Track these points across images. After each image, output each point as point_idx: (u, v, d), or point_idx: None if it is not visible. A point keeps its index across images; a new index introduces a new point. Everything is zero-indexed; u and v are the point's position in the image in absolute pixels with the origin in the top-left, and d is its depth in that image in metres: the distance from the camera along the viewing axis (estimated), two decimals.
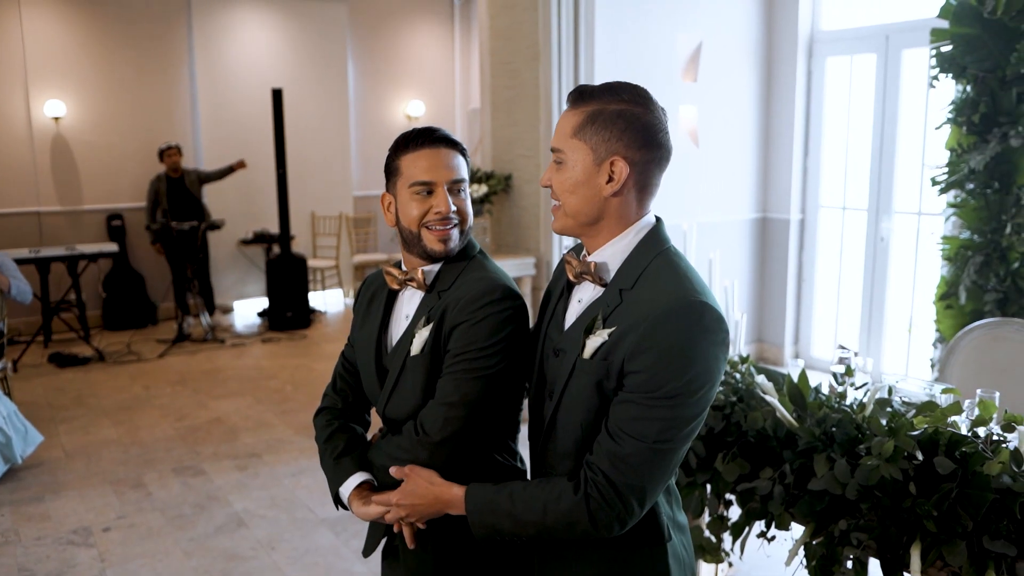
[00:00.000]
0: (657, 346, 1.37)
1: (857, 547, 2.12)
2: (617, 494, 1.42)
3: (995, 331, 3.50)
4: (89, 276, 8.02)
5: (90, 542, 3.91)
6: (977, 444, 2.01)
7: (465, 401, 1.61)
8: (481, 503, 1.54)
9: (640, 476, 1.41)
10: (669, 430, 1.39)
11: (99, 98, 8.16)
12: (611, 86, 1.49)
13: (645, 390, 1.39)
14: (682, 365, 1.37)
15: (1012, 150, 4.34)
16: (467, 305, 1.63)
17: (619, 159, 1.46)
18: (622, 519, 1.43)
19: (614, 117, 1.46)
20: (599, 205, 1.50)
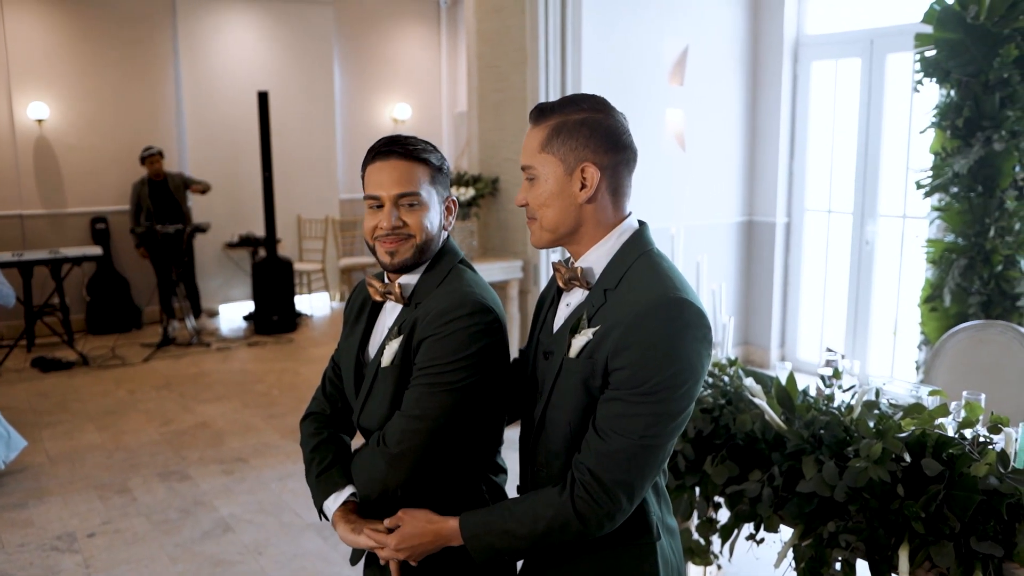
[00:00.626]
0: (640, 342, 1.41)
1: (845, 549, 2.13)
2: (604, 491, 1.44)
3: (980, 333, 3.53)
4: (73, 280, 7.96)
5: (74, 548, 3.88)
6: (964, 446, 2.02)
7: (426, 415, 1.60)
8: (476, 527, 1.55)
9: (627, 472, 1.43)
10: (655, 425, 1.42)
11: (83, 100, 8.11)
12: (569, 98, 1.54)
13: (629, 386, 1.42)
14: (665, 361, 1.40)
15: (995, 154, 4.38)
16: (435, 319, 1.62)
17: (589, 164, 1.50)
18: (611, 515, 1.45)
19: (578, 126, 1.50)
20: (576, 214, 1.53)
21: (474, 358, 1.59)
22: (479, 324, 1.60)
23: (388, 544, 1.62)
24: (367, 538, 1.65)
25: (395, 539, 1.62)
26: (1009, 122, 4.31)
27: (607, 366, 1.45)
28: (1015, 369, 3.36)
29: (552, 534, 1.49)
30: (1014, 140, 4.33)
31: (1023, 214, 4.39)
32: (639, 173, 4.69)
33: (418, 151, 1.69)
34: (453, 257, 1.74)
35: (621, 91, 5.63)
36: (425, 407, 1.60)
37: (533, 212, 1.57)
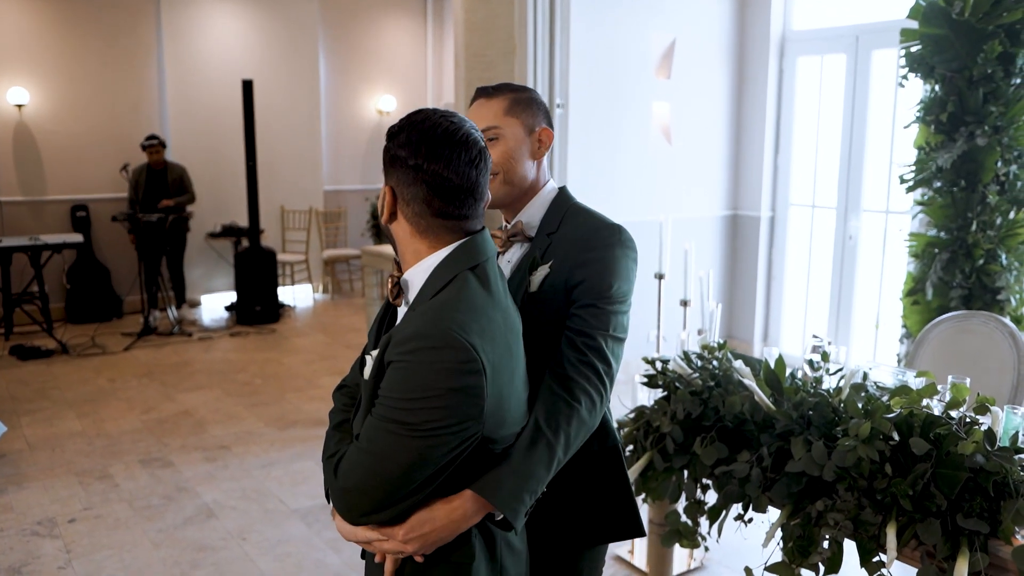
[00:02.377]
0: (594, 260, 1.70)
1: (833, 527, 2.15)
2: (592, 374, 1.65)
3: (962, 323, 3.56)
4: (53, 267, 7.88)
5: (55, 533, 3.84)
6: (951, 425, 2.04)
7: (374, 451, 1.38)
8: (498, 484, 1.45)
9: (610, 361, 1.68)
10: (618, 322, 1.71)
11: (64, 87, 8.02)
12: (508, 84, 1.86)
13: (593, 295, 1.68)
14: (615, 273, 1.70)
15: (978, 149, 4.42)
16: (399, 343, 1.36)
17: (546, 128, 1.85)
18: (600, 396, 1.65)
19: (529, 101, 1.84)
20: (532, 169, 1.83)
21: (440, 400, 1.33)
22: (447, 361, 1.33)
23: (395, 536, 1.44)
24: (367, 530, 1.46)
25: (403, 529, 1.44)
26: (992, 117, 4.36)
27: (566, 284, 1.70)
28: (997, 359, 3.40)
29: (571, 442, 1.58)
30: (997, 135, 4.37)
31: (1005, 208, 4.44)
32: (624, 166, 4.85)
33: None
34: (468, 258, 1.47)
35: (608, 82, 5.64)
36: (375, 443, 1.38)
37: (496, 168, 1.78)
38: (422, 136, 1.42)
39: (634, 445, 2.77)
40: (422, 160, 1.41)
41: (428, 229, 1.46)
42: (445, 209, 1.44)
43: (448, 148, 1.41)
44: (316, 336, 7.63)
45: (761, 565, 2.45)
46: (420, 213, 1.44)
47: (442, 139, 1.42)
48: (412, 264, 1.49)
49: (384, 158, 1.48)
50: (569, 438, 1.56)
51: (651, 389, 2.83)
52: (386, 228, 1.52)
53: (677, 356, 2.76)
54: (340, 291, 9.57)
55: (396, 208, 1.47)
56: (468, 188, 1.44)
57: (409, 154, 1.42)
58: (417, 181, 1.42)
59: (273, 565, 3.58)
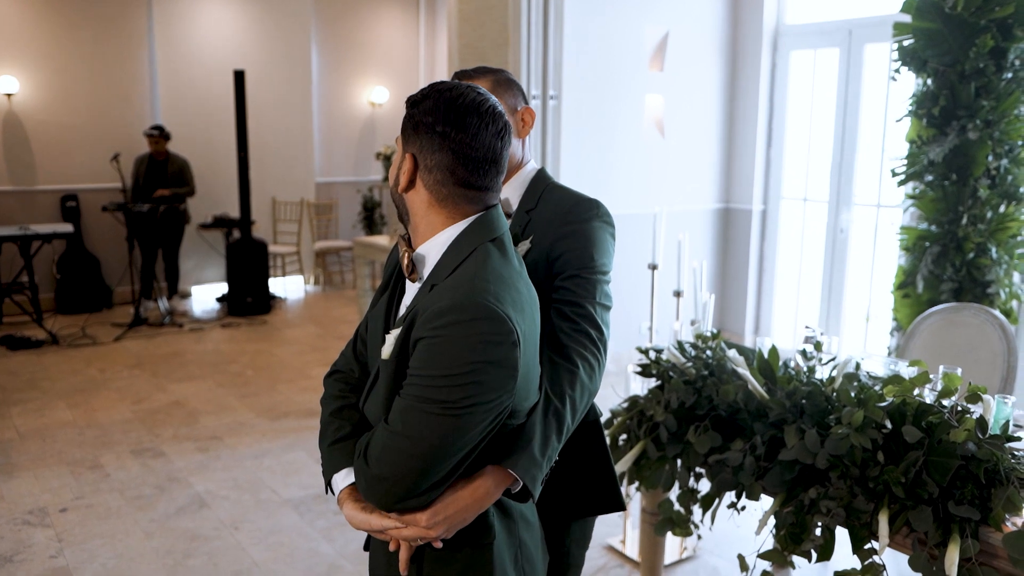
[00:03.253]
0: (574, 233, 1.75)
1: (826, 515, 2.16)
2: (588, 339, 1.68)
3: (953, 316, 3.59)
4: (42, 258, 7.84)
5: (46, 523, 3.83)
6: (943, 413, 2.06)
7: (410, 435, 1.33)
8: (526, 464, 1.44)
9: (601, 327, 1.72)
10: (603, 290, 1.76)
11: (54, 76, 7.97)
12: (484, 67, 1.92)
13: (577, 265, 1.74)
14: (595, 245, 1.77)
15: (969, 143, 4.44)
16: (432, 317, 1.32)
17: (528, 108, 1.91)
18: (597, 360, 1.68)
19: (509, 82, 1.91)
20: (518, 149, 1.89)
21: (477, 375, 1.29)
22: (484, 333, 1.29)
23: (418, 522, 1.37)
24: (382, 518, 1.40)
25: (426, 514, 1.37)
26: (983, 111, 4.38)
27: (548, 258, 1.75)
28: (987, 350, 3.43)
29: (577, 407, 1.59)
30: (988, 129, 4.40)
31: (995, 202, 4.47)
32: (617, 159, 4.89)
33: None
34: (487, 231, 1.45)
35: (602, 74, 5.64)
36: (410, 425, 1.32)
37: None
38: (450, 104, 1.42)
39: (627, 434, 2.78)
40: (450, 128, 1.41)
41: (448, 199, 1.44)
42: (469, 179, 1.43)
43: (476, 118, 1.41)
44: (307, 327, 7.62)
45: (754, 553, 2.47)
46: (442, 181, 1.43)
47: (470, 108, 1.42)
48: (427, 237, 1.47)
49: (406, 125, 1.46)
50: (575, 403, 1.58)
51: (645, 378, 2.84)
52: (399, 198, 1.51)
53: (671, 345, 2.77)
54: (331, 283, 9.55)
55: (416, 175, 1.45)
56: (492, 159, 1.44)
57: (436, 120, 1.41)
58: (443, 148, 1.41)
59: (266, 554, 3.58)
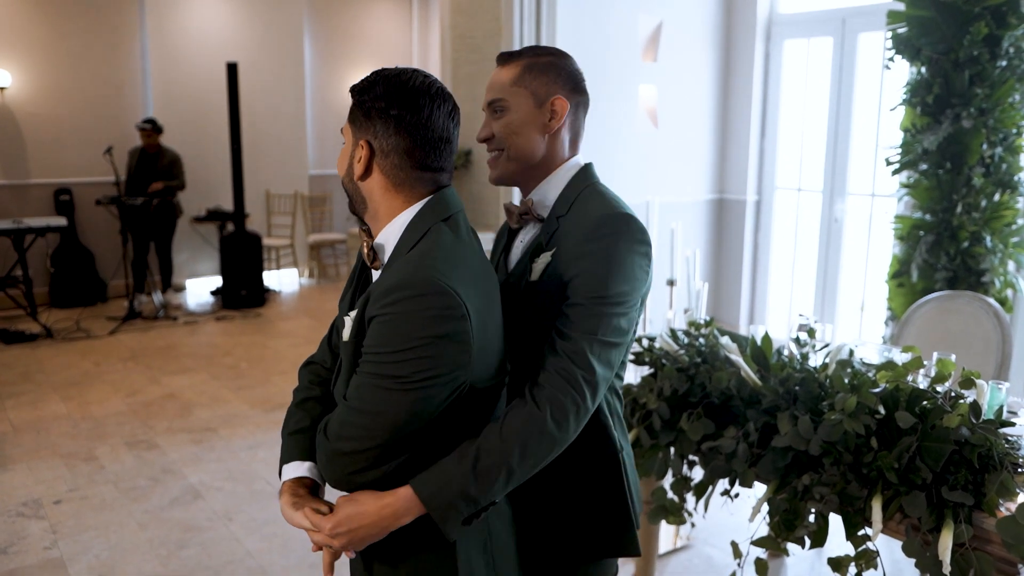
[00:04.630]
0: (592, 252, 1.52)
1: (819, 501, 2.16)
2: (570, 383, 1.44)
3: (947, 303, 3.59)
4: (36, 251, 7.81)
5: (41, 514, 3.82)
6: (937, 399, 2.05)
7: (366, 409, 1.34)
8: (435, 483, 1.36)
9: (588, 367, 1.46)
10: (610, 324, 1.50)
11: (47, 69, 7.93)
12: (533, 47, 1.68)
13: (585, 292, 1.50)
14: (615, 269, 1.51)
15: (964, 131, 4.44)
16: (380, 296, 1.35)
17: (559, 97, 1.64)
18: (577, 409, 1.44)
19: (547, 66, 1.65)
20: (540, 144, 1.65)
21: (428, 349, 1.31)
22: (431, 308, 1.31)
23: (323, 528, 1.38)
24: (303, 517, 1.42)
25: (331, 523, 1.38)
26: (978, 99, 4.38)
27: (563, 279, 1.55)
28: (981, 338, 3.43)
29: (524, 453, 1.38)
30: (982, 118, 4.39)
31: (990, 191, 4.47)
32: (611, 149, 4.81)
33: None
34: (440, 210, 1.46)
35: (595, 64, 5.62)
36: (366, 401, 1.34)
37: (500, 143, 1.65)
38: (400, 87, 1.42)
39: None
40: (404, 111, 1.41)
41: (405, 182, 1.44)
42: (426, 160, 1.44)
43: (427, 99, 1.42)
44: (301, 320, 7.61)
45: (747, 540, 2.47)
46: (399, 165, 1.43)
47: (420, 90, 1.42)
48: (385, 223, 1.47)
49: (355, 113, 1.45)
50: (526, 450, 1.39)
51: (638, 366, 2.84)
52: (353, 187, 1.49)
53: (664, 333, 2.77)
54: (325, 275, 9.54)
55: (372, 162, 1.44)
56: (446, 139, 1.45)
57: (390, 104, 1.41)
58: (399, 131, 1.41)
59: (259, 545, 3.57)
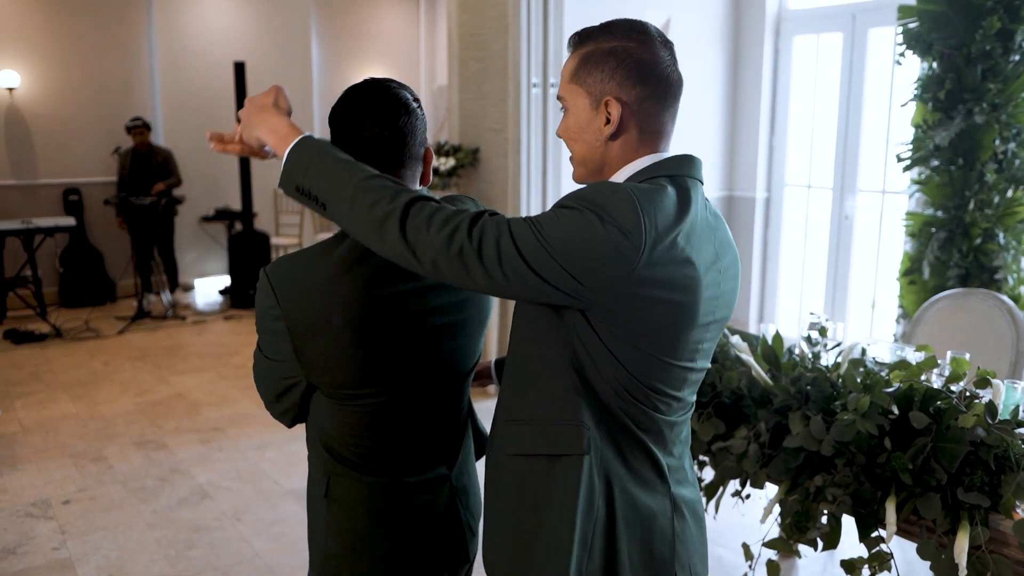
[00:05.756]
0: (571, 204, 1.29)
1: (832, 503, 2.13)
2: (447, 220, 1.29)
3: (960, 301, 3.55)
4: (45, 251, 7.81)
5: (49, 515, 3.82)
6: (951, 399, 2.02)
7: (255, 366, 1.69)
8: (309, 150, 1.38)
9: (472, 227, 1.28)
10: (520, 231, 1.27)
11: (55, 69, 7.94)
12: (606, 24, 1.43)
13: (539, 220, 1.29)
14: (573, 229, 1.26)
15: (976, 127, 4.39)
16: None
17: (612, 99, 1.39)
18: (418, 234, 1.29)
19: (606, 55, 1.39)
20: (601, 150, 1.43)
21: (262, 333, 1.58)
22: (261, 302, 1.54)
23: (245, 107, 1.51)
24: None
25: (247, 103, 1.49)
26: (990, 95, 4.33)
27: None
28: (995, 336, 3.39)
29: (372, 220, 1.31)
30: (995, 113, 4.35)
31: (1003, 187, 4.42)
32: None
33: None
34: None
35: None
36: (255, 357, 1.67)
37: (567, 145, 1.49)
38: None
39: None
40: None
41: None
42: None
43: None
44: None
45: (759, 541, 2.44)
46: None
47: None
48: None
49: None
50: (374, 220, 1.31)
51: None
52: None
53: None
54: None
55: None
56: None
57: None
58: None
59: (268, 545, 3.56)
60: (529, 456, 1.42)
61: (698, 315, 1.37)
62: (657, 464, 1.44)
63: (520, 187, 5.37)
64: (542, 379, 1.41)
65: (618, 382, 1.37)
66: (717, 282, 1.42)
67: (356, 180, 1.34)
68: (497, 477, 1.49)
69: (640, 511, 1.42)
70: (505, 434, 1.46)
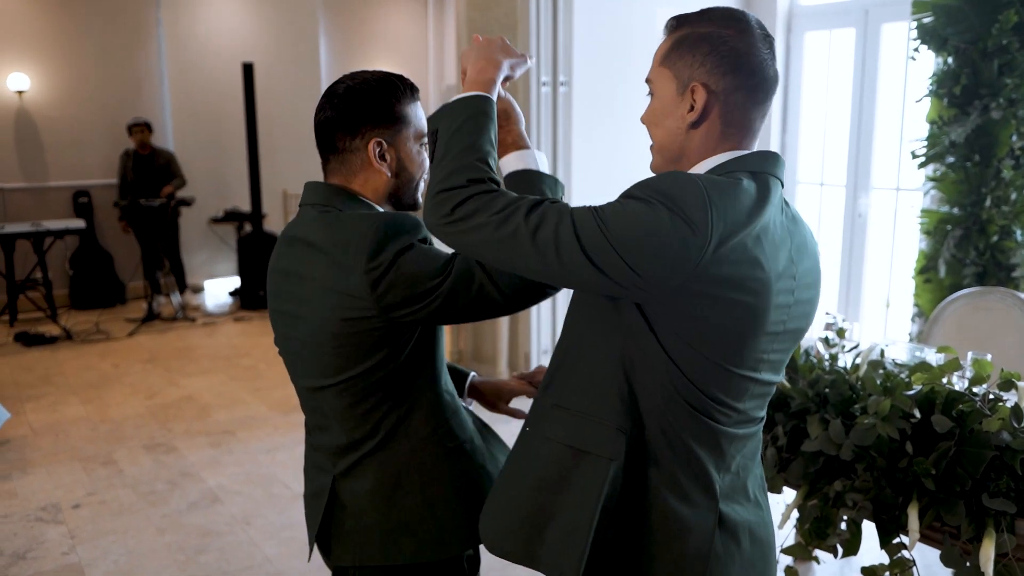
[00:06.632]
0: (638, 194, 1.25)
1: (852, 508, 2.09)
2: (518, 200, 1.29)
3: (978, 300, 3.49)
4: (55, 254, 7.82)
5: (59, 519, 3.80)
6: (975, 402, 1.98)
7: None
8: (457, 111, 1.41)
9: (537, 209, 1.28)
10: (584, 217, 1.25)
11: (64, 72, 7.94)
12: (705, 10, 1.37)
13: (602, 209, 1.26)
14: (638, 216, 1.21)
15: (993, 122, 4.33)
16: None
17: (698, 85, 1.33)
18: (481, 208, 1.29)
19: (699, 40, 1.33)
20: (681, 139, 1.38)
21: None
22: None
23: None
24: None
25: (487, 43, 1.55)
26: (1007, 90, 4.27)
27: None
28: (1014, 336, 3.33)
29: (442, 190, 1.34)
30: (1012, 108, 4.28)
31: (1020, 183, 4.36)
32: (630, 145, 4.55)
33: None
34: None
35: (613, 59, 5.55)
36: None
37: (648, 132, 1.46)
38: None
39: None
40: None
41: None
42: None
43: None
44: None
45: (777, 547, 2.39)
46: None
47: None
48: None
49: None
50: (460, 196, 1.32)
51: None
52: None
53: None
54: None
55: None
56: None
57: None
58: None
59: (278, 550, 3.53)
60: (563, 444, 1.39)
61: (765, 322, 1.31)
62: (705, 476, 1.37)
63: None
64: (591, 374, 1.37)
65: (672, 385, 1.31)
66: (790, 289, 1.36)
67: (457, 151, 1.36)
68: (526, 455, 1.46)
69: (674, 522, 1.36)
70: (548, 418, 1.43)
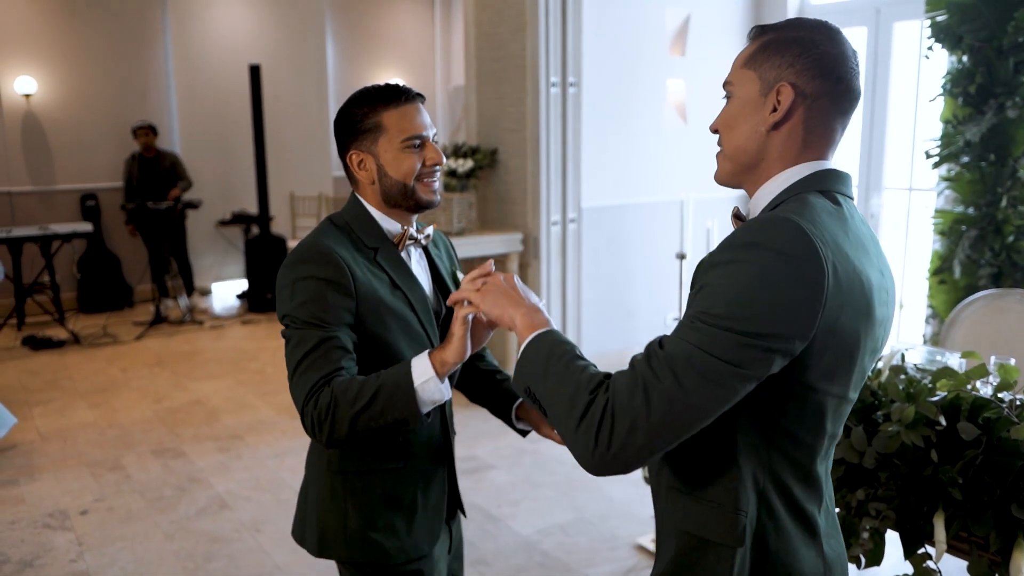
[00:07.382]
0: (720, 262, 1.16)
1: (875, 518, 2.04)
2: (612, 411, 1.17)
3: (997, 302, 3.44)
4: (63, 257, 7.81)
5: (67, 525, 3.77)
6: (1002, 409, 1.92)
7: None
8: (533, 357, 1.31)
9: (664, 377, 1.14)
10: (714, 341, 1.13)
11: (71, 75, 7.93)
12: (793, 19, 1.33)
13: (698, 308, 1.16)
14: (735, 285, 1.12)
15: (1008, 121, 4.28)
16: None
17: (785, 85, 1.26)
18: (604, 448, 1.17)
19: (789, 43, 1.27)
20: (759, 142, 1.29)
21: None
22: None
23: (476, 285, 1.51)
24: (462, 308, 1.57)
25: (481, 272, 1.52)
26: (1023, 89, 4.21)
27: None
28: None
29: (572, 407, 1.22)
30: None
31: None
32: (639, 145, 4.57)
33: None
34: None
35: (622, 60, 5.50)
36: None
37: (721, 138, 1.37)
38: None
39: None
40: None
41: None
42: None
43: None
44: None
45: None
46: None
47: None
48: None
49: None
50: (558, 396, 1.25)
51: None
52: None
53: None
54: None
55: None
56: None
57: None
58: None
59: (288, 557, 3.50)
60: (687, 532, 1.32)
61: (869, 340, 1.25)
62: (811, 523, 1.31)
63: (540, 187, 5.29)
64: (702, 447, 1.27)
65: (786, 441, 1.24)
66: (884, 302, 1.28)
67: (556, 394, 1.25)
68: (662, 541, 1.39)
69: None
70: (670, 502, 1.35)
